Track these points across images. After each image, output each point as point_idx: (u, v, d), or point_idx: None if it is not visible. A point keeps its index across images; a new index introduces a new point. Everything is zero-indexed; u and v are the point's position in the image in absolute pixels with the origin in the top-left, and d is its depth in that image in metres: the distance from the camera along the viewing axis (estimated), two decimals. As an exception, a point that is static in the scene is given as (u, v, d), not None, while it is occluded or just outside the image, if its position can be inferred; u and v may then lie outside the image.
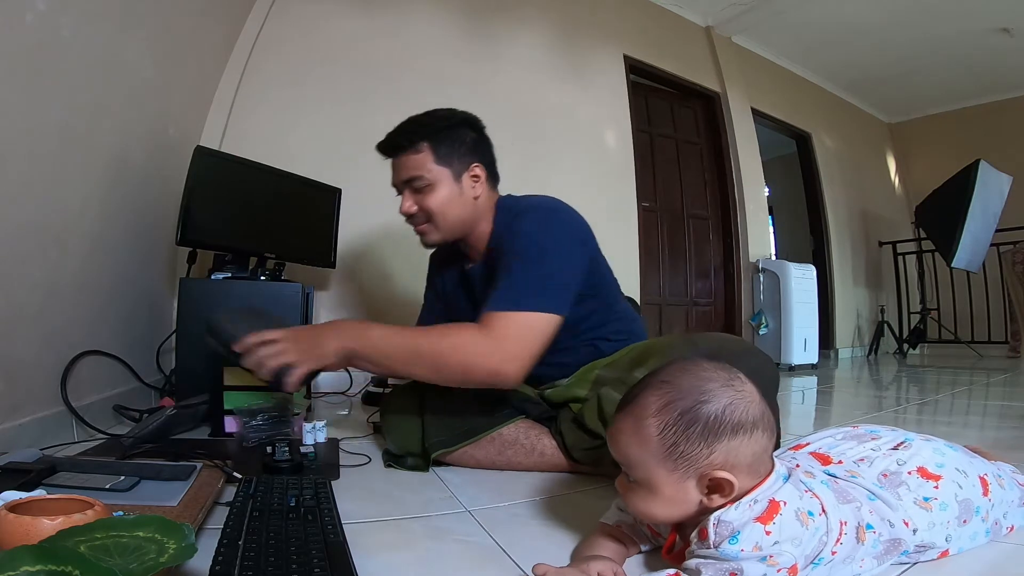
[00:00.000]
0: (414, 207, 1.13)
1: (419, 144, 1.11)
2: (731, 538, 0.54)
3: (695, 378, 0.60)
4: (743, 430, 0.57)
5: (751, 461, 0.57)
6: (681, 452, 0.57)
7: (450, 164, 1.12)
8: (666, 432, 0.58)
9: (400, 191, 1.16)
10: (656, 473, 0.59)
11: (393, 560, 0.68)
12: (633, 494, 0.62)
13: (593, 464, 1.03)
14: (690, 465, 0.57)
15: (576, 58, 3.05)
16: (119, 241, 1.52)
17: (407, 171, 1.12)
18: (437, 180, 1.11)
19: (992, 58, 4.06)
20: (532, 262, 1.00)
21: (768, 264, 3.52)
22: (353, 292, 2.31)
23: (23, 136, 1.09)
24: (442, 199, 1.12)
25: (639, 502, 0.61)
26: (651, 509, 0.60)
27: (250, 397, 1.27)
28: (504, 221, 1.13)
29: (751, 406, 0.58)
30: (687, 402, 0.58)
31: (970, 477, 0.68)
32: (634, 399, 0.62)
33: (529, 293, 0.97)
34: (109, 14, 1.34)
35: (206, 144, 1.84)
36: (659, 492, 0.59)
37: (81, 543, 0.47)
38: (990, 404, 2.14)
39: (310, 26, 2.34)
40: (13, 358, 1.10)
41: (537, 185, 1.40)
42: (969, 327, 4.42)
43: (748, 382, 0.61)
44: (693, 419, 0.57)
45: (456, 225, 1.15)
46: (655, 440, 0.58)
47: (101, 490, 0.72)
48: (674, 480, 0.58)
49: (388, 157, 1.16)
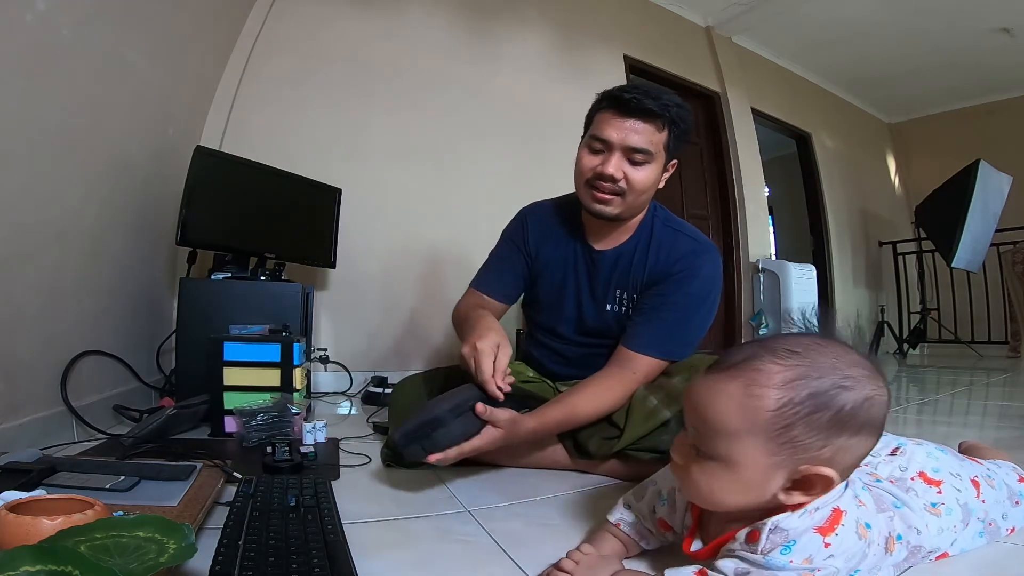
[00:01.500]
0: (621, 173, 1.06)
1: (666, 123, 1.06)
2: (784, 547, 0.48)
3: (836, 358, 0.51)
4: (867, 431, 0.50)
5: (853, 464, 0.51)
6: (793, 436, 0.49)
7: (669, 153, 1.09)
8: (786, 410, 0.49)
9: (605, 150, 1.07)
10: (749, 452, 0.50)
11: (393, 560, 0.68)
12: (699, 468, 0.53)
13: (602, 457, 1.03)
14: (795, 453, 0.49)
15: (576, 58, 3.05)
16: (119, 241, 1.52)
17: (640, 140, 1.04)
18: (655, 162, 1.08)
19: (992, 58, 4.06)
20: (694, 311, 1.08)
21: (768, 264, 3.52)
22: (353, 292, 2.31)
23: (23, 136, 1.09)
24: (650, 181, 1.08)
25: (703, 478, 0.52)
26: (718, 490, 0.52)
27: (250, 397, 1.28)
28: (668, 234, 1.15)
29: (884, 407, 0.51)
30: (825, 383, 0.49)
31: (963, 480, 0.68)
32: (747, 361, 0.52)
33: (680, 342, 1.07)
34: (109, 14, 1.34)
35: (206, 144, 1.84)
36: (740, 473, 0.50)
37: (81, 543, 0.47)
38: (990, 404, 2.14)
39: (310, 26, 2.34)
40: (13, 358, 1.10)
41: (537, 185, 1.40)
42: (969, 327, 4.42)
43: (885, 378, 0.53)
44: (825, 404, 0.49)
45: (638, 207, 1.13)
46: (768, 415, 0.49)
47: (101, 490, 0.72)
48: (767, 465, 0.49)
49: (626, 116, 1.05)
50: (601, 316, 1.18)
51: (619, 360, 1.08)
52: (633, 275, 1.15)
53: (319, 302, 2.20)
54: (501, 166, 2.65)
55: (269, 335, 1.39)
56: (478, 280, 1.27)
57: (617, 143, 1.05)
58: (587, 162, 1.09)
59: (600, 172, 1.06)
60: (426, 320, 2.42)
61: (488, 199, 2.49)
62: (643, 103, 1.02)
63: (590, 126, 1.11)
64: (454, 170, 2.57)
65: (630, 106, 1.03)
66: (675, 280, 1.10)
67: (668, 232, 1.16)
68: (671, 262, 1.11)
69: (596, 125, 1.08)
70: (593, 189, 1.08)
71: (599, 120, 1.08)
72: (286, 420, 1.24)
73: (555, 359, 1.26)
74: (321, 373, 2.15)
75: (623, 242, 1.17)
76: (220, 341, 1.30)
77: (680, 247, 1.13)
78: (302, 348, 1.43)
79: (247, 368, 1.31)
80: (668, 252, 1.13)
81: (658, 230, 1.16)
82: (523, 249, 1.25)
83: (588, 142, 1.09)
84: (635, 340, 1.08)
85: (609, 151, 1.06)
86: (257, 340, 1.34)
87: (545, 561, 0.66)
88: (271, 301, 1.64)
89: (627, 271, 1.15)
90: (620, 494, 0.73)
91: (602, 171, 1.05)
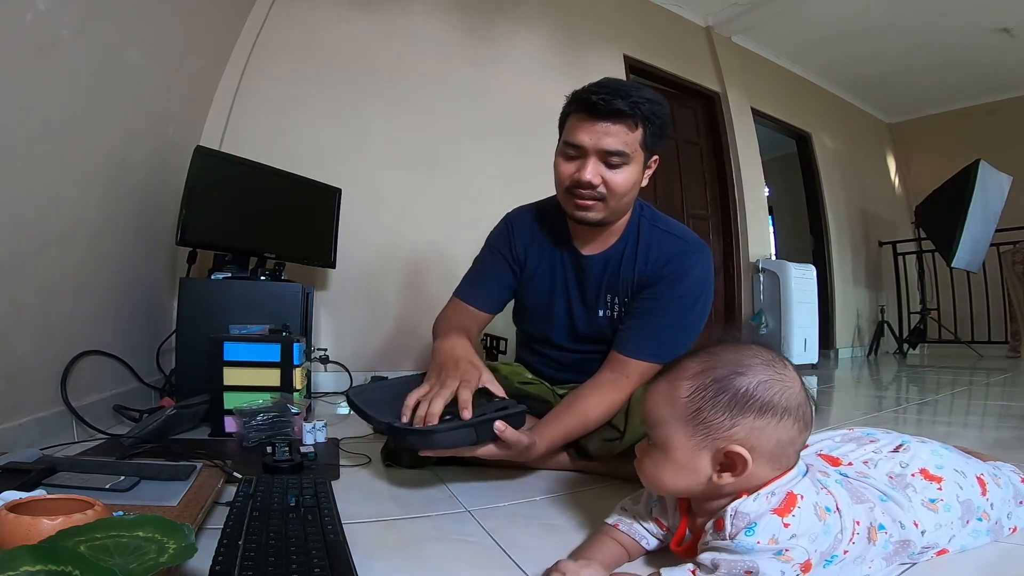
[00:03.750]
0: (599, 178, 1.01)
1: (639, 121, 1.00)
2: (747, 529, 0.53)
3: (738, 353, 0.59)
4: (772, 412, 0.56)
5: (773, 448, 0.56)
6: (704, 419, 0.57)
7: (647, 150, 1.05)
8: (694, 395, 0.57)
9: (580, 156, 1.03)
10: (674, 436, 0.58)
11: (393, 560, 0.68)
12: (647, 456, 0.62)
13: (604, 458, 1.03)
14: (709, 434, 0.56)
15: (576, 58, 3.05)
16: (119, 241, 1.52)
17: (614, 142, 1.00)
18: (633, 163, 1.03)
19: (992, 58, 4.06)
20: (687, 312, 1.06)
21: (768, 264, 3.52)
22: (353, 292, 2.31)
23: (23, 136, 1.09)
24: (631, 182, 1.03)
25: (650, 465, 0.61)
26: (660, 474, 0.60)
27: (250, 397, 1.28)
28: (656, 235, 1.12)
29: (787, 391, 0.57)
30: (723, 371, 0.57)
31: (968, 477, 0.69)
32: (676, 363, 0.62)
33: (673, 345, 1.04)
34: (109, 14, 1.34)
35: (206, 144, 1.84)
36: (672, 456, 0.58)
37: (81, 543, 0.47)
38: (990, 404, 2.14)
39: (310, 26, 2.33)
40: (13, 358, 1.10)
41: (537, 185, 1.40)
42: (969, 327, 4.42)
43: (793, 370, 0.59)
44: (723, 388, 0.56)
45: (622, 210, 1.09)
46: (683, 402, 0.58)
47: (101, 490, 0.72)
48: (690, 447, 0.57)
49: (597, 119, 1.00)
50: (593, 322, 1.16)
51: (613, 366, 1.06)
52: (623, 279, 1.12)
53: (319, 302, 2.21)
54: (501, 166, 2.65)
55: (269, 335, 1.39)
56: (461, 290, 1.24)
57: (591, 148, 1.00)
58: (564, 169, 1.05)
59: (578, 179, 1.02)
60: (426, 320, 2.40)
61: (488, 199, 2.48)
62: (612, 104, 0.98)
63: (562, 132, 1.07)
64: (454, 170, 2.57)
65: (599, 108, 0.99)
66: (666, 282, 1.07)
67: (656, 233, 1.13)
68: (660, 264, 1.09)
69: (568, 130, 1.04)
70: (574, 196, 1.05)
71: (571, 125, 1.04)
72: (286, 420, 1.24)
73: (551, 365, 1.25)
74: (321, 373, 2.15)
75: (611, 246, 1.14)
76: (220, 341, 1.30)
77: (669, 248, 1.10)
78: (302, 348, 1.43)
79: (247, 368, 1.31)
80: (657, 254, 1.10)
81: (645, 231, 1.13)
82: (509, 257, 1.21)
83: (562, 148, 1.06)
84: (628, 345, 1.06)
85: (584, 156, 1.02)
86: (257, 340, 1.34)
87: (546, 561, 0.66)
88: (271, 301, 1.64)
89: (616, 275, 1.13)
90: (620, 494, 0.73)
91: (579, 178, 1.01)
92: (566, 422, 1.00)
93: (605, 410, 1.02)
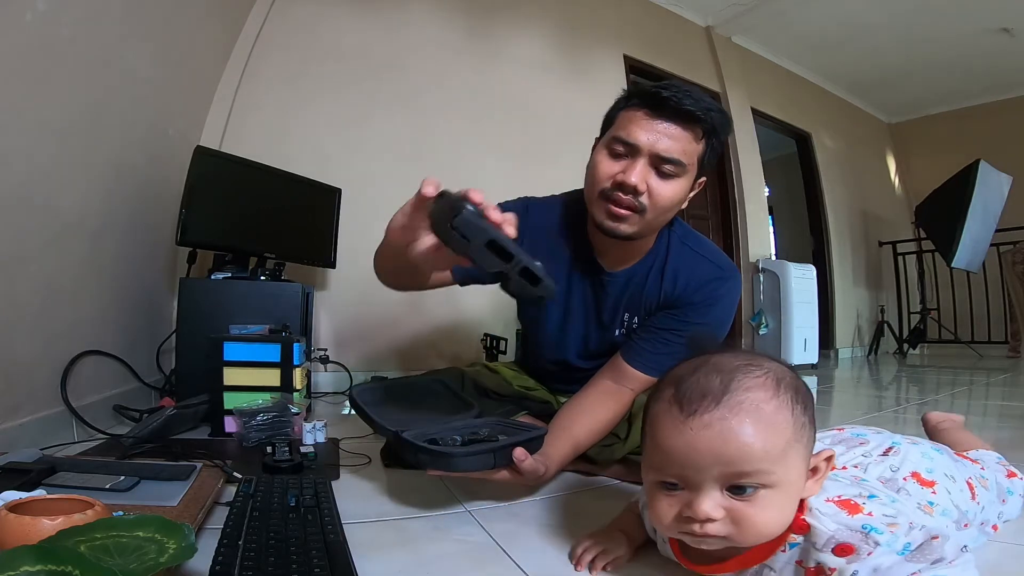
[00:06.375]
0: (644, 184, 0.89)
1: (706, 131, 0.90)
2: (876, 531, 0.48)
3: (747, 356, 0.53)
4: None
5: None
6: (805, 432, 0.50)
7: (700, 168, 0.94)
8: (797, 408, 0.50)
9: (629, 155, 0.90)
10: (794, 463, 0.49)
11: (393, 560, 0.68)
12: (747, 505, 0.48)
13: (603, 463, 1.03)
14: (808, 444, 0.51)
15: (576, 58, 3.05)
16: (119, 241, 1.52)
17: (673, 148, 0.88)
18: (685, 177, 0.91)
19: (992, 58, 4.06)
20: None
21: (768, 264, 3.52)
22: (353, 292, 2.31)
23: (23, 136, 1.09)
24: (677, 198, 0.92)
25: (760, 512, 0.48)
26: (775, 516, 0.49)
27: (250, 397, 1.28)
28: (686, 256, 1.02)
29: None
30: (787, 375, 0.51)
31: (958, 482, 0.68)
32: (729, 389, 0.49)
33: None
34: (109, 14, 1.34)
35: (206, 144, 1.84)
36: (788, 489, 0.48)
37: (81, 543, 0.47)
38: (990, 404, 2.14)
39: (310, 26, 2.34)
40: (13, 358, 1.10)
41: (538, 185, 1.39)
42: (969, 327, 4.42)
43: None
44: (797, 388, 0.51)
45: (656, 228, 0.98)
46: (792, 420, 0.49)
47: (101, 490, 0.72)
48: (804, 469, 0.50)
49: (660, 117, 0.88)
50: (606, 340, 1.10)
51: (616, 375, 1.02)
52: (646, 298, 1.04)
53: (319, 302, 2.20)
54: (501, 166, 2.65)
55: (269, 335, 1.39)
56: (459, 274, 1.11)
57: (646, 147, 0.88)
58: (606, 168, 0.91)
59: (621, 181, 0.89)
60: (426, 320, 2.42)
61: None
62: (683, 103, 0.86)
63: (610, 126, 0.94)
64: (454, 169, 2.56)
65: (667, 105, 0.86)
66: (694, 309, 1.00)
67: (687, 253, 1.03)
68: (691, 290, 1.00)
69: (620, 124, 0.91)
70: (608, 201, 0.92)
71: (625, 119, 0.91)
72: (286, 420, 1.24)
73: (557, 376, 1.23)
74: (321, 373, 2.15)
75: (635, 263, 1.03)
76: (220, 341, 1.30)
77: (701, 273, 1.01)
78: (302, 348, 1.43)
79: (247, 368, 1.31)
80: (687, 279, 1.01)
81: (675, 249, 1.03)
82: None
83: (608, 143, 0.92)
84: (639, 358, 1.01)
85: (634, 157, 0.89)
86: (257, 340, 1.34)
87: (545, 561, 0.66)
88: (271, 301, 1.64)
89: (639, 294, 1.04)
90: (620, 495, 0.73)
91: (623, 180, 0.88)
92: (568, 436, 0.96)
93: (611, 422, 1.01)
